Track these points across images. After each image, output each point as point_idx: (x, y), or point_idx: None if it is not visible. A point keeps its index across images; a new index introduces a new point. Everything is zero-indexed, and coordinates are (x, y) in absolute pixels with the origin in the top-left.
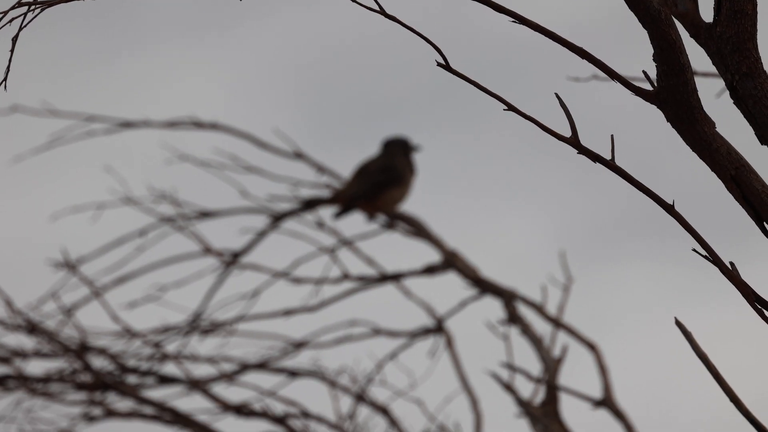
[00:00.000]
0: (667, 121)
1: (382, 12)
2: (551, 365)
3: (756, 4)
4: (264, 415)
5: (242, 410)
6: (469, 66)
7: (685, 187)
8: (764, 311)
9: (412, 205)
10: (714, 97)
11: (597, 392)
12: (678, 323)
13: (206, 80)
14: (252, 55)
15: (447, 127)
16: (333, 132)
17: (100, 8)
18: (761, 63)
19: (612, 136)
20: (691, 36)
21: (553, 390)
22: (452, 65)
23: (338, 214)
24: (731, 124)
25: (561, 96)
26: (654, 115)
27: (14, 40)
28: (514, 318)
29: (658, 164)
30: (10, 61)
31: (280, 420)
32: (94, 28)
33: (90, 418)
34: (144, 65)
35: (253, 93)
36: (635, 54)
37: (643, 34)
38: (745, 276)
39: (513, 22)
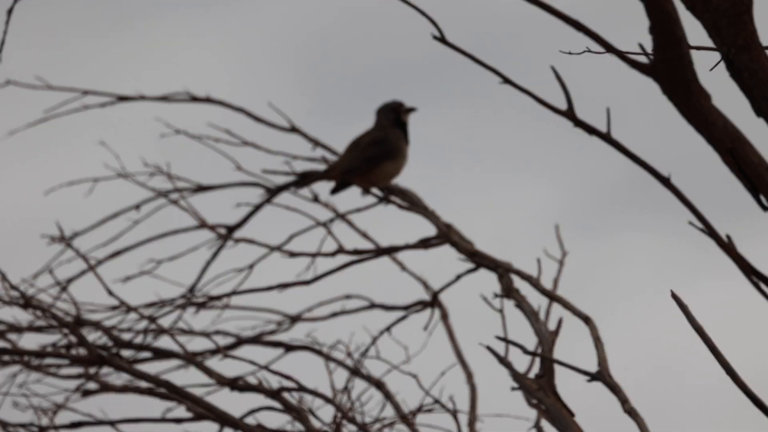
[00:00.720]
0: (663, 94)
1: None
2: (546, 338)
3: None
4: (259, 388)
5: (237, 384)
6: (465, 39)
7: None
8: (760, 284)
9: (406, 178)
10: (710, 70)
11: (592, 365)
12: (674, 296)
13: (202, 54)
14: (248, 29)
15: (443, 100)
16: (330, 106)
17: None
18: (757, 35)
19: (608, 109)
20: (687, 8)
21: (548, 363)
22: (448, 38)
23: (334, 190)
24: (727, 96)
25: (557, 69)
26: (651, 87)
27: (9, 12)
28: (509, 291)
29: (655, 137)
30: (5, 33)
31: (275, 394)
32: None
33: (85, 393)
34: (138, 39)
35: (249, 67)
36: (631, 27)
37: (639, 7)
38: (745, 250)
39: None
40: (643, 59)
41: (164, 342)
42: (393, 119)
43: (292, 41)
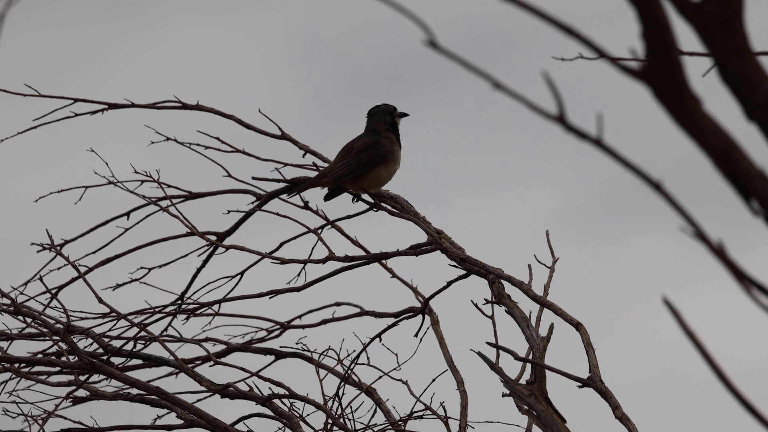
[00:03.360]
0: (655, 99)
1: None
2: (537, 345)
3: None
4: (250, 395)
5: (228, 391)
6: (458, 44)
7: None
8: (752, 289)
9: (397, 184)
10: (702, 75)
11: (584, 371)
12: (666, 302)
13: (191, 61)
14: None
15: (434, 105)
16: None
17: None
18: (749, 40)
19: (599, 114)
20: (678, 14)
21: (539, 369)
22: (440, 43)
23: (327, 197)
24: (719, 101)
25: (548, 74)
26: (642, 92)
27: (0, 18)
28: (500, 297)
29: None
30: None
31: (265, 400)
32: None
33: (75, 400)
34: (128, 47)
35: (240, 74)
36: (622, 32)
37: (630, 12)
38: (737, 255)
39: (500, 0)
40: (634, 64)
41: (155, 349)
42: (389, 122)
43: (282, 48)
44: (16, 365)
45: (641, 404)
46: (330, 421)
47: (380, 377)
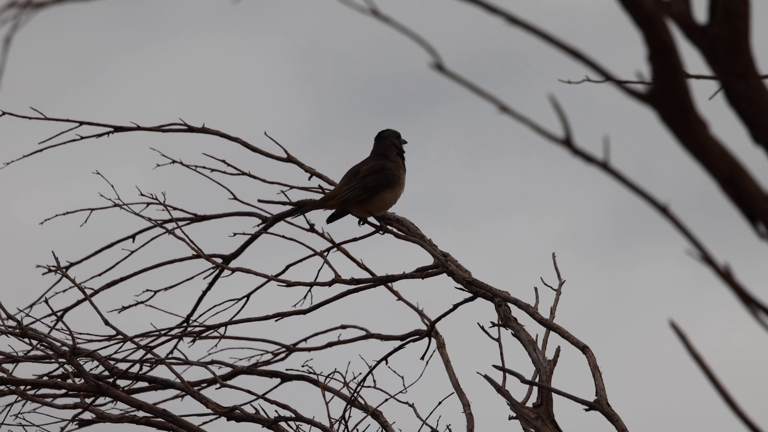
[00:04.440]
0: (661, 122)
1: (375, 14)
2: (544, 367)
3: (749, 5)
4: (256, 418)
5: (234, 414)
6: (464, 65)
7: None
8: (759, 313)
9: (404, 207)
10: (709, 99)
11: (590, 394)
12: (673, 325)
13: (197, 84)
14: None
15: (442, 125)
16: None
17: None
18: (755, 64)
19: (606, 137)
20: (685, 37)
21: (546, 392)
22: (446, 65)
23: (331, 219)
24: (725, 124)
25: (555, 96)
26: (649, 115)
27: (7, 40)
28: (506, 320)
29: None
30: (3, 63)
31: (272, 423)
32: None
33: (81, 423)
34: (134, 70)
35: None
36: (629, 54)
37: (636, 35)
38: (744, 278)
39: (507, 23)
40: (641, 87)
41: (161, 372)
42: (397, 146)
43: (289, 68)
44: (22, 387)
45: (648, 428)
46: None
47: (386, 400)
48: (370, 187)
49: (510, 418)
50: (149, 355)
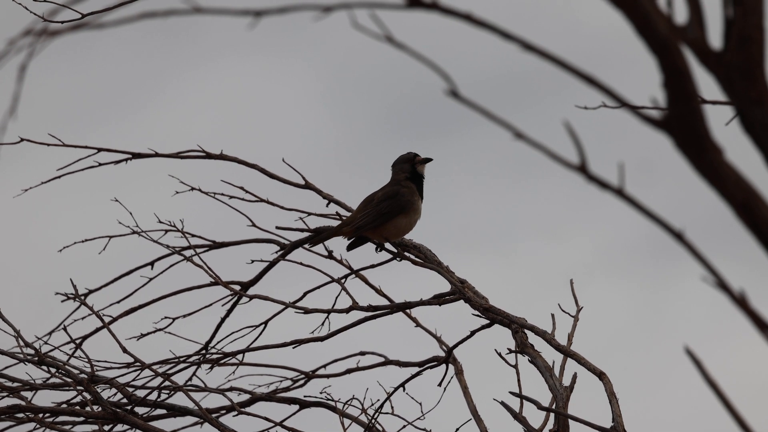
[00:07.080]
0: (676, 148)
1: (390, 40)
2: (561, 394)
3: (764, 31)
4: None
5: None
6: (479, 90)
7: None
8: None
9: (422, 233)
10: (725, 124)
11: (607, 421)
12: (689, 351)
13: (215, 110)
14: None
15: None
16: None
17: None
18: None
19: (621, 164)
20: (700, 63)
21: (562, 419)
22: (461, 91)
23: (349, 246)
24: (740, 150)
25: (570, 123)
26: (664, 141)
27: (22, 68)
28: (523, 347)
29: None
30: (19, 89)
31: None
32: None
33: None
34: (152, 96)
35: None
36: (643, 79)
37: (651, 62)
38: (760, 305)
39: (522, 49)
40: (656, 114)
41: (179, 399)
42: (408, 170)
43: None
44: (41, 415)
45: None
46: None
47: (404, 426)
48: (384, 213)
49: None
50: (167, 383)
